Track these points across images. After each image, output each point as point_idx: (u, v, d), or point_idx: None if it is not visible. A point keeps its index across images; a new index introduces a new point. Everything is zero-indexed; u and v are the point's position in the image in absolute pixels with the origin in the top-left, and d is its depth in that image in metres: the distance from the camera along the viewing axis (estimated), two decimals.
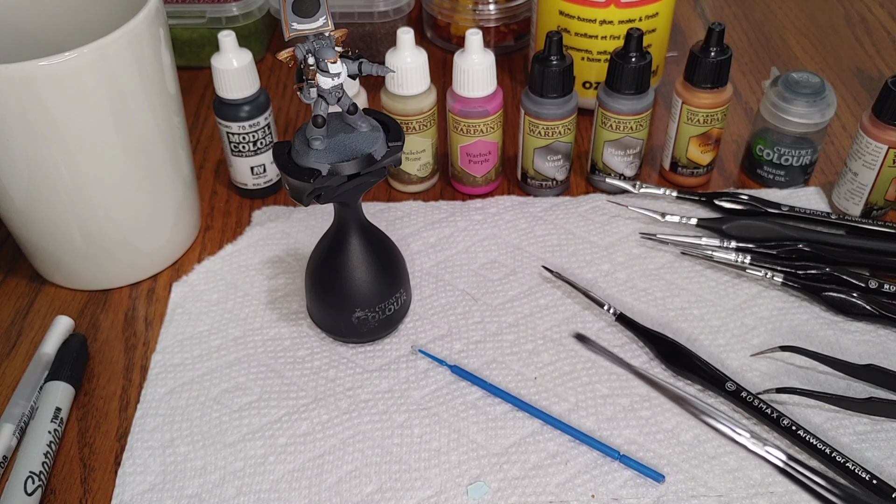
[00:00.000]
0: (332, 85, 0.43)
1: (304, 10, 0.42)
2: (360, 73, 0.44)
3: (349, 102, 0.44)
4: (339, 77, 0.43)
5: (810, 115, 0.58)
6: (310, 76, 0.43)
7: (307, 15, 0.42)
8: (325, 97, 0.44)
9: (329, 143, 0.44)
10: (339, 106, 0.44)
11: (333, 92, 0.43)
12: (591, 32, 0.65)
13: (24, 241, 0.55)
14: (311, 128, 0.44)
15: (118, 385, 0.50)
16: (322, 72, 0.43)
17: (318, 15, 0.42)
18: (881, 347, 0.51)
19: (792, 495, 0.43)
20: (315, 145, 0.44)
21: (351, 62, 0.44)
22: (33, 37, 0.55)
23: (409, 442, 0.46)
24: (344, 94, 0.44)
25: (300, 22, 0.42)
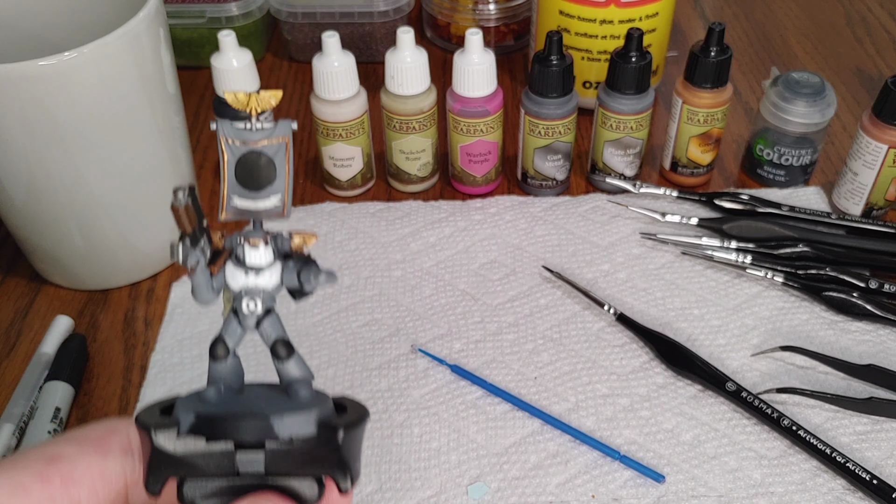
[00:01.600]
0: (243, 285, 0.28)
1: (254, 179, 0.28)
2: (299, 285, 0.29)
3: (276, 336, 0.29)
4: (260, 276, 0.28)
5: (810, 114, 0.58)
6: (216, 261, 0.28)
7: (256, 186, 0.28)
8: (238, 311, 0.29)
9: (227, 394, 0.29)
10: (260, 336, 0.29)
11: (247, 301, 0.28)
12: (591, 32, 0.65)
13: (24, 241, 0.54)
14: (211, 364, 0.29)
15: (118, 385, 0.50)
16: (237, 260, 0.28)
17: (272, 190, 0.28)
18: (881, 347, 0.51)
19: (792, 495, 0.43)
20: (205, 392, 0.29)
21: (289, 266, 0.29)
22: (33, 36, 0.55)
23: (409, 441, 0.46)
24: (271, 318, 0.29)
25: (244, 196, 0.29)
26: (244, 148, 0.28)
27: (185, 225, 0.27)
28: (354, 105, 0.58)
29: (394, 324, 0.53)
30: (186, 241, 0.28)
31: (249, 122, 0.28)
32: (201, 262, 0.28)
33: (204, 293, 0.29)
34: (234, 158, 0.28)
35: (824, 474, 0.44)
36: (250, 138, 0.28)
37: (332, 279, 0.29)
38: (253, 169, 0.28)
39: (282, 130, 0.28)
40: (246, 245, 0.28)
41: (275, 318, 0.29)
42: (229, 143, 0.28)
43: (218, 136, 0.28)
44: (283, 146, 0.28)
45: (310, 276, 0.29)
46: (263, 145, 0.28)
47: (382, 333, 0.52)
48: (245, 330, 0.29)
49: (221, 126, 0.28)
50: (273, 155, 0.28)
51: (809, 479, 0.44)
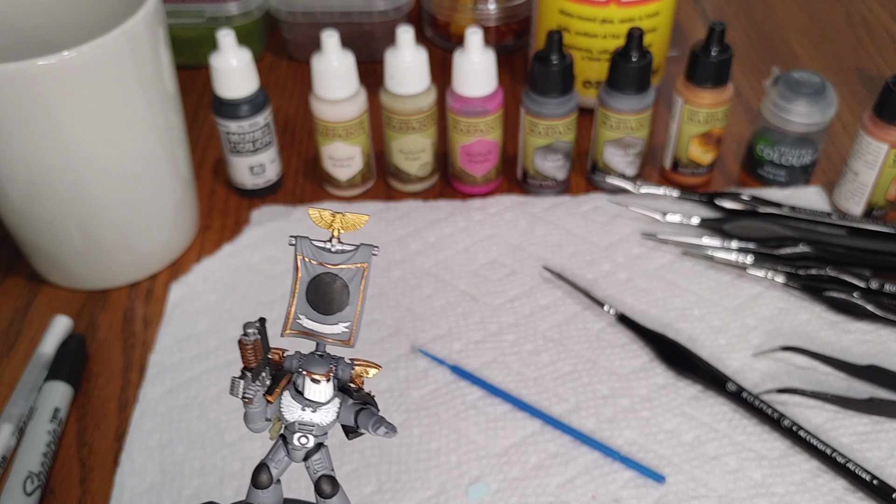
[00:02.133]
0: (298, 418, 0.27)
1: (325, 303, 0.27)
2: (356, 427, 0.28)
3: (324, 471, 0.29)
4: (318, 413, 0.27)
5: (811, 114, 0.58)
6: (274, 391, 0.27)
7: (327, 311, 0.27)
8: (288, 440, 0.28)
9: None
10: (306, 469, 0.29)
11: (299, 437, 0.28)
12: (591, 31, 0.64)
13: (23, 241, 0.54)
14: (252, 489, 0.29)
15: (117, 385, 0.50)
16: (295, 391, 0.27)
17: (341, 318, 0.27)
18: (882, 348, 0.50)
19: (793, 496, 0.43)
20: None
21: (347, 403, 0.28)
22: (32, 36, 0.54)
23: (409, 442, 0.46)
24: (320, 453, 0.29)
25: (312, 318, 0.27)
26: (321, 269, 0.27)
27: (249, 360, 0.26)
28: (354, 104, 0.58)
29: (393, 324, 0.53)
30: (248, 375, 0.27)
31: (330, 243, 0.27)
32: (259, 395, 0.27)
33: (257, 423, 0.28)
34: (308, 277, 0.27)
35: (825, 475, 0.44)
36: (329, 260, 0.27)
37: (391, 432, 0.28)
38: (326, 292, 0.27)
39: (361, 256, 0.27)
40: (308, 380, 0.27)
41: (324, 454, 0.29)
42: (306, 261, 0.27)
43: (295, 252, 0.27)
44: (361, 272, 0.27)
45: (368, 423, 0.28)
46: (340, 269, 0.27)
47: (382, 334, 0.52)
48: (293, 461, 0.29)
49: (300, 244, 0.27)
50: (349, 280, 0.27)
51: (810, 479, 0.44)
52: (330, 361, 0.28)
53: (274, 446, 0.29)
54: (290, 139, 0.69)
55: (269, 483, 0.29)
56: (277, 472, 0.29)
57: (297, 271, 0.27)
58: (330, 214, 0.27)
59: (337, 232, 0.27)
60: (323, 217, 0.27)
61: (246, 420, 0.28)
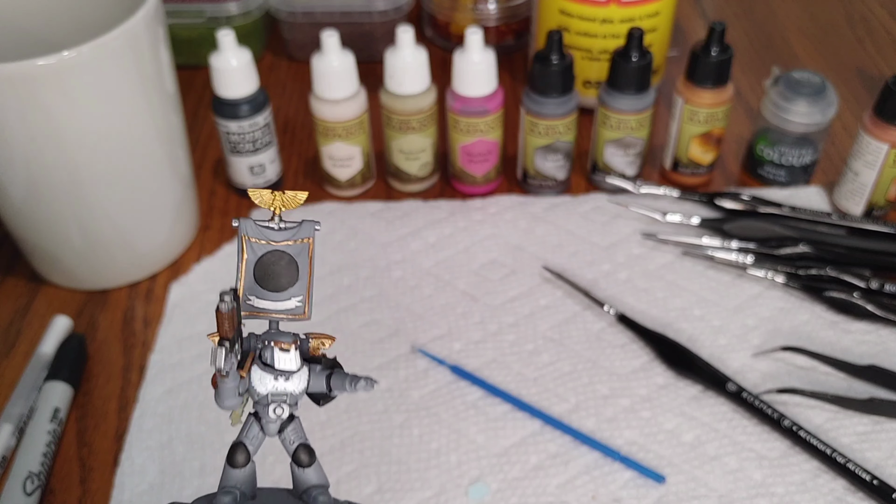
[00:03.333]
0: (271, 390, 0.27)
1: (275, 280, 0.27)
2: (328, 391, 0.28)
3: (300, 440, 0.29)
4: (289, 381, 0.28)
5: (811, 114, 0.58)
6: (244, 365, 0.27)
7: (277, 287, 0.27)
8: (261, 415, 0.28)
9: (242, 501, 0.29)
10: (281, 441, 0.29)
11: (274, 408, 0.28)
12: (591, 31, 0.64)
13: (23, 241, 0.54)
14: (227, 469, 0.29)
15: (117, 385, 0.50)
16: (263, 364, 0.27)
17: (293, 293, 0.28)
18: (882, 348, 0.50)
19: (793, 496, 0.43)
20: (220, 499, 0.28)
21: (315, 370, 0.28)
22: (32, 36, 0.54)
23: (409, 442, 0.46)
24: (294, 424, 0.29)
25: (262, 296, 0.28)
26: (266, 247, 0.27)
27: (226, 330, 0.26)
28: (354, 104, 0.58)
29: (393, 324, 0.53)
30: (226, 345, 0.27)
31: (273, 222, 0.27)
32: (234, 367, 0.27)
33: (231, 398, 0.28)
34: (254, 257, 0.27)
35: (825, 475, 0.44)
36: (273, 238, 0.27)
37: (370, 384, 0.28)
38: (274, 269, 0.27)
39: (305, 231, 0.28)
40: (276, 350, 0.27)
41: (297, 424, 0.29)
42: (251, 241, 0.27)
43: (239, 233, 0.27)
44: (306, 247, 0.27)
45: (344, 382, 0.28)
46: (286, 245, 0.27)
47: (382, 334, 0.52)
48: (267, 435, 0.29)
49: (244, 224, 0.27)
50: (296, 255, 0.27)
51: (810, 479, 0.44)
52: (297, 340, 0.28)
53: (246, 426, 0.29)
54: (290, 139, 0.69)
55: (247, 461, 0.29)
56: (253, 448, 0.29)
57: (242, 252, 0.27)
58: (270, 193, 0.27)
59: (278, 210, 0.27)
60: (263, 197, 0.27)
61: (219, 397, 0.27)
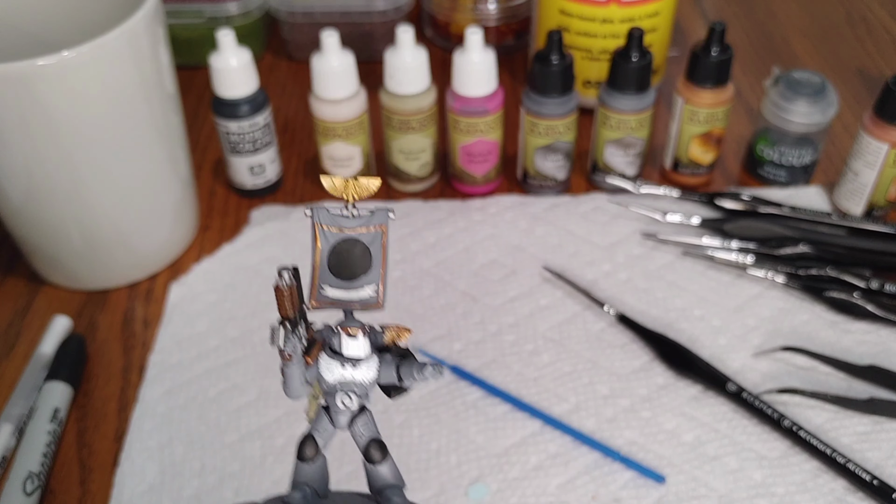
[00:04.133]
0: (339, 378, 0.27)
1: (349, 268, 0.26)
2: (398, 380, 0.28)
3: (371, 436, 0.28)
4: (358, 369, 0.27)
5: (812, 114, 0.58)
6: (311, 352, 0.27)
7: (347, 275, 0.27)
8: (330, 406, 0.28)
9: (314, 499, 0.28)
10: (352, 435, 0.28)
11: (341, 397, 0.27)
12: (591, 31, 0.64)
13: (23, 241, 0.54)
14: (297, 465, 0.28)
15: (116, 385, 0.50)
16: (331, 351, 0.27)
17: (366, 280, 0.27)
18: (882, 348, 0.50)
19: (793, 496, 0.43)
20: (291, 497, 0.28)
21: (386, 360, 0.28)
22: (31, 36, 0.54)
23: (409, 442, 0.46)
24: (365, 416, 0.28)
25: (336, 285, 0.27)
26: (340, 235, 0.26)
27: (286, 308, 0.26)
28: (354, 104, 0.58)
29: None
30: (287, 325, 0.26)
31: (346, 209, 0.26)
32: (298, 351, 0.26)
33: (296, 385, 0.27)
34: (328, 246, 0.26)
35: (825, 475, 0.44)
36: (347, 225, 0.26)
37: (437, 373, 0.27)
38: (348, 257, 0.26)
39: (379, 219, 0.27)
40: (343, 335, 0.27)
41: (368, 417, 0.28)
42: (324, 229, 0.26)
43: (312, 221, 0.26)
44: (380, 234, 0.27)
45: (412, 370, 0.27)
46: (360, 233, 0.27)
47: None
48: (337, 428, 0.28)
49: (317, 212, 0.26)
50: (369, 243, 0.27)
51: (810, 479, 0.44)
52: (365, 326, 0.27)
53: (316, 418, 0.28)
54: (289, 139, 0.69)
55: (315, 454, 0.28)
56: (323, 442, 0.28)
57: (316, 241, 0.26)
58: (342, 180, 0.26)
59: (351, 198, 0.26)
60: (336, 184, 0.26)
61: (285, 385, 0.27)
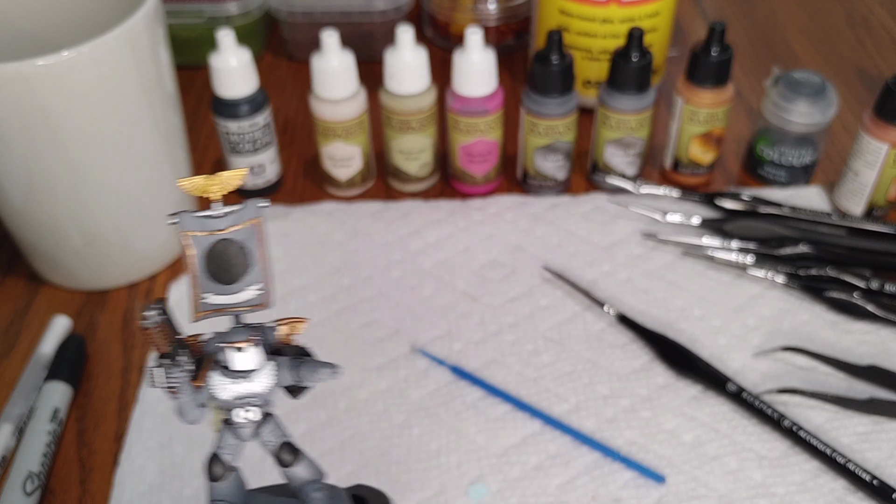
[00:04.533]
0: (233, 394, 0.25)
1: (227, 271, 0.25)
2: (298, 381, 0.27)
3: (281, 440, 0.27)
4: (252, 381, 0.26)
5: (812, 114, 0.58)
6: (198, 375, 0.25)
7: (227, 278, 0.25)
8: (231, 420, 0.26)
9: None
10: (260, 444, 0.27)
11: (241, 412, 0.26)
12: (591, 31, 0.64)
13: (22, 241, 0.54)
14: (210, 486, 0.27)
15: (116, 385, 0.50)
16: (222, 368, 0.25)
17: (249, 281, 0.25)
18: (882, 348, 0.50)
19: (793, 496, 0.43)
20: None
21: (283, 363, 0.26)
22: (31, 36, 0.54)
23: (409, 442, 0.46)
24: (270, 424, 0.27)
25: (219, 291, 0.25)
26: (211, 238, 0.25)
27: (160, 345, 0.25)
28: (354, 104, 0.58)
29: (393, 324, 0.53)
30: (165, 361, 0.25)
31: (212, 209, 0.25)
32: (183, 380, 0.25)
33: (191, 413, 0.26)
34: (201, 251, 0.25)
35: (825, 475, 0.44)
36: (216, 227, 0.25)
37: (336, 373, 0.26)
38: (224, 259, 0.25)
39: (250, 213, 0.25)
40: (230, 351, 0.25)
41: (274, 423, 0.27)
42: (193, 235, 0.24)
43: (180, 229, 0.25)
44: (254, 229, 0.25)
45: (309, 372, 0.26)
46: (232, 232, 0.25)
47: (382, 334, 0.52)
48: (243, 440, 0.27)
49: (182, 219, 0.25)
50: (244, 241, 0.25)
51: (810, 479, 0.44)
52: (251, 331, 0.26)
53: (220, 435, 0.27)
54: (289, 139, 0.69)
55: (224, 472, 0.27)
56: (231, 458, 0.27)
57: (188, 249, 0.25)
58: (202, 178, 0.25)
59: (215, 196, 0.25)
60: (196, 184, 0.25)
61: (178, 413, 0.26)
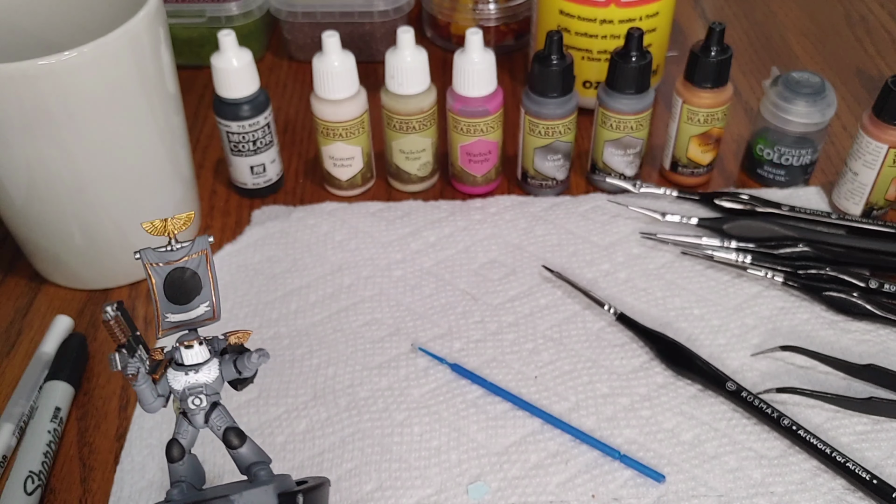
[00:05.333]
0: (185, 384, 0.31)
1: (183, 293, 0.31)
2: (237, 373, 0.32)
3: (226, 425, 0.32)
4: (200, 373, 0.31)
5: (811, 114, 0.58)
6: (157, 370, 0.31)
7: (183, 300, 0.31)
8: (186, 409, 0.31)
9: (191, 491, 0.32)
10: (210, 429, 0.32)
11: (192, 399, 0.31)
12: (591, 32, 0.65)
13: (24, 241, 0.54)
14: (170, 466, 0.32)
15: (117, 384, 0.50)
16: (176, 364, 0.31)
17: (200, 299, 0.31)
18: (881, 347, 0.51)
19: (792, 495, 0.43)
20: (170, 492, 0.31)
21: (225, 359, 0.32)
22: (33, 36, 0.55)
23: (409, 440, 0.46)
24: (218, 411, 0.32)
25: (176, 311, 0.31)
26: (168, 268, 0.31)
27: (118, 336, 0.30)
28: (354, 104, 0.58)
29: (394, 323, 0.53)
30: (123, 351, 0.30)
31: (169, 245, 0.31)
32: (141, 371, 0.30)
33: (149, 400, 0.31)
34: (160, 279, 0.31)
35: (824, 474, 0.44)
36: (172, 258, 0.31)
37: (264, 357, 0.32)
38: (179, 284, 0.31)
39: (200, 245, 0.32)
40: (181, 348, 0.31)
41: (222, 410, 0.32)
42: (154, 266, 0.31)
43: (143, 262, 0.31)
44: (204, 258, 0.31)
45: (244, 361, 0.31)
46: (186, 261, 0.31)
47: (382, 333, 0.52)
48: (196, 427, 0.32)
49: (144, 254, 0.31)
50: (196, 268, 0.31)
51: (809, 478, 0.44)
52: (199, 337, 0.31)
53: (177, 422, 0.32)
54: (290, 139, 0.69)
55: (181, 455, 0.32)
56: (186, 442, 0.32)
57: (150, 278, 0.31)
58: (160, 222, 0.31)
59: (171, 234, 0.31)
60: (156, 226, 0.31)
61: (139, 401, 0.31)
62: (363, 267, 0.56)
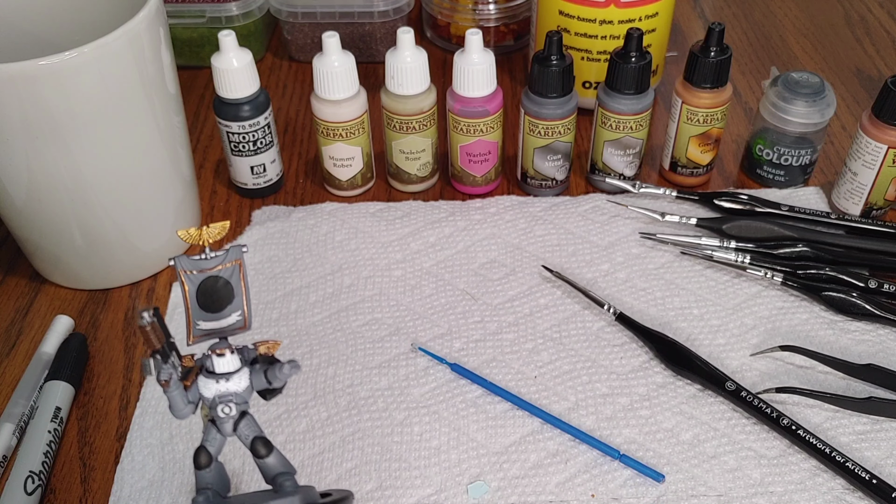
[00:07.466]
0: (216, 392, 0.31)
1: (216, 302, 0.31)
2: (267, 383, 0.32)
3: (254, 434, 0.32)
4: (231, 382, 0.31)
5: (810, 114, 0.58)
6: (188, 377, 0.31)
7: (215, 308, 0.31)
8: (215, 417, 0.31)
9: (216, 499, 0.32)
10: (238, 438, 0.32)
11: (222, 407, 0.31)
12: (590, 32, 0.65)
13: (24, 241, 0.55)
14: (196, 473, 0.32)
15: (118, 384, 0.50)
16: (207, 372, 0.31)
17: (232, 309, 0.31)
18: (881, 347, 0.51)
19: (791, 495, 0.43)
20: (196, 499, 0.32)
21: (255, 369, 0.32)
22: (33, 36, 0.55)
23: (409, 440, 0.46)
24: (246, 420, 0.32)
25: (208, 319, 0.31)
26: (202, 276, 0.31)
27: (153, 342, 0.30)
28: (354, 105, 0.58)
29: (394, 323, 0.53)
30: (157, 357, 0.30)
31: (204, 253, 0.31)
32: (174, 377, 0.30)
33: (180, 406, 0.31)
34: (194, 287, 0.31)
35: (824, 474, 0.44)
36: (206, 266, 0.31)
37: (295, 368, 0.31)
38: (212, 292, 0.31)
39: (234, 255, 0.32)
40: (213, 356, 0.31)
41: (250, 420, 0.32)
42: (188, 274, 0.31)
43: (177, 269, 0.31)
44: (237, 267, 0.31)
45: (275, 371, 0.31)
46: (219, 270, 0.31)
47: (382, 332, 0.52)
48: (225, 436, 0.32)
49: (179, 261, 0.31)
50: (229, 277, 0.31)
51: (809, 478, 0.44)
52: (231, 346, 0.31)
53: (206, 430, 0.32)
54: (290, 139, 0.69)
55: (209, 462, 0.32)
56: (214, 450, 0.32)
57: (183, 286, 0.31)
58: (196, 230, 0.31)
59: (206, 243, 0.31)
60: (191, 234, 0.31)
61: (170, 408, 0.31)
62: (363, 267, 0.57)
